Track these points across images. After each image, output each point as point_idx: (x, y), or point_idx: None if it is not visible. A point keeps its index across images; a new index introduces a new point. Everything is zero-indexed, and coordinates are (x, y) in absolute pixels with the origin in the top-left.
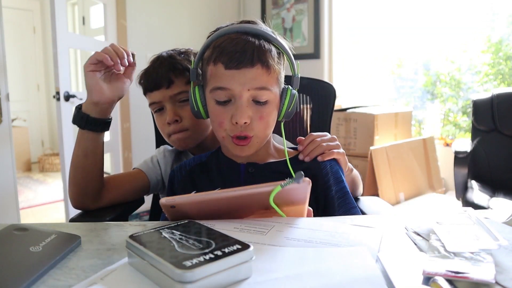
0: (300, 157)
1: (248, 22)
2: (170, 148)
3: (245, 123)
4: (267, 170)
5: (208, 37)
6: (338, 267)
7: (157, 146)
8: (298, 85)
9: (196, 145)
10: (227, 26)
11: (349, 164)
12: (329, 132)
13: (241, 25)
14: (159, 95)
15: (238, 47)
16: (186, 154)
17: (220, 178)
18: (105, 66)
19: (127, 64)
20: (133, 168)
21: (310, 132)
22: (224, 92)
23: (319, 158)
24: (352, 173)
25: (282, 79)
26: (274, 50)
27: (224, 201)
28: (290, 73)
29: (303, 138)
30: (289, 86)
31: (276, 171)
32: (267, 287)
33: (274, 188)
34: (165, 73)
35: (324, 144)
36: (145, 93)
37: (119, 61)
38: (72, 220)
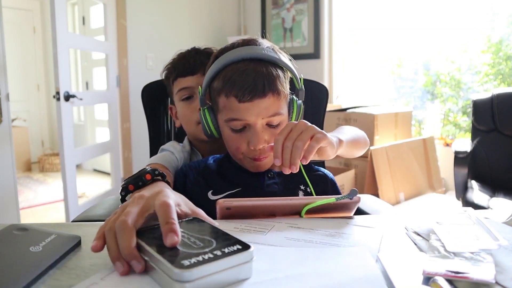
0: (285, 171)
1: (249, 41)
2: (185, 146)
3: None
4: (284, 176)
5: (214, 60)
6: (338, 267)
7: (152, 146)
8: (303, 97)
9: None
10: (227, 48)
11: (335, 138)
12: None
13: (245, 50)
14: (193, 81)
15: (249, 80)
16: (196, 155)
17: (239, 181)
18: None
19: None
20: (150, 164)
21: None
22: (240, 122)
23: (303, 162)
24: (348, 140)
25: (288, 94)
26: (281, 73)
27: (272, 207)
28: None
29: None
30: (295, 97)
31: (294, 179)
32: (267, 287)
33: (328, 200)
34: (204, 59)
35: (299, 143)
36: (175, 79)
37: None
38: (74, 221)
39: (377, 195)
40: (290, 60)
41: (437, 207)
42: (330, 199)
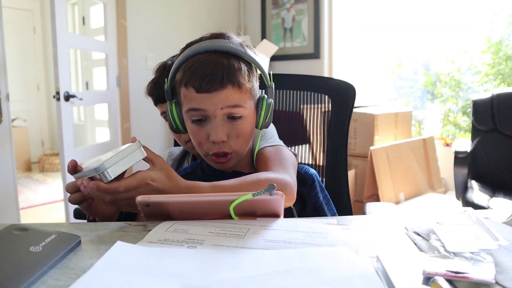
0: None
1: (218, 35)
2: (174, 153)
3: (222, 141)
4: None
5: (180, 54)
6: (328, 265)
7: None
8: (273, 95)
9: None
10: (196, 40)
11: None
12: (347, 133)
13: (210, 42)
14: None
15: (208, 70)
16: (189, 158)
17: None
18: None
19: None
20: None
21: (328, 131)
22: (199, 112)
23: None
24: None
25: (257, 91)
26: (244, 67)
27: (198, 204)
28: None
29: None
30: (265, 95)
31: None
32: (259, 280)
33: (244, 196)
34: None
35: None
36: (156, 103)
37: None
38: (77, 209)
39: (377, 195)
40: (267, 59)
41: (437, 207)
42: (248, 195)
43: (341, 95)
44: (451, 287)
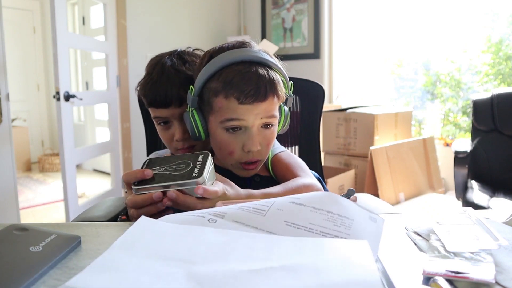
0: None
1: (243, 43)
2: (160, 156)
3: (257, 150)
4: (270, 180)
5: (208, 60)
6: (336, 263)
7: (149, 146)
8: (291, 103)
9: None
10: (222, 48)
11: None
12: (319, 132)
13: (243, 52)
14: (168, 113)
15: (252, 84)
16: None
17: None
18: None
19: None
20: None
21: (300, 132)
22: (237, 123)
23: None
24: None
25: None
26: (280, 79)
27: None
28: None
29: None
30: (282, 104)
31: (280, 183)
32: (262, 276)
33: None
34: (175, 91)
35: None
36: (148, 106)
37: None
38: (73, 221)
39: (377, 195)
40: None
41: (437, 207)
42: None
43: (310, 95)
44: (451, 287)
